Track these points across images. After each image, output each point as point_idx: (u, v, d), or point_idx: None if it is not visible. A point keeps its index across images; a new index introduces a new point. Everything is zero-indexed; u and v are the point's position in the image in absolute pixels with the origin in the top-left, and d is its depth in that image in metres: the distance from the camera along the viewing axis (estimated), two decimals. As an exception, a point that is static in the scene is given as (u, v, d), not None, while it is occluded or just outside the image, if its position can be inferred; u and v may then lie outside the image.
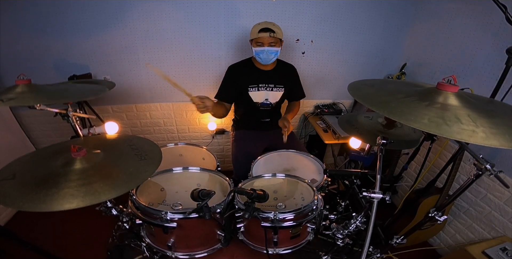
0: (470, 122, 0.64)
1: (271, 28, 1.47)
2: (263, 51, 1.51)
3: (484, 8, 1.46)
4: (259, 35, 1.47)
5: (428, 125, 0.63)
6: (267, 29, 1.47)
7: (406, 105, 0.71)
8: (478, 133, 0.61)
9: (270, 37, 1.47)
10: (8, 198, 0.73)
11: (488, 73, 1.48)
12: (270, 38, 1.48)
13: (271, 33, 1.47)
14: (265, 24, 1.49)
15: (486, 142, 0.59)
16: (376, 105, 0.71)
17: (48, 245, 1.42)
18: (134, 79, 2.03)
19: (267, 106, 1.75)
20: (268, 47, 1.50)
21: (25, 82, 1.04)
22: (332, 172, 1.14)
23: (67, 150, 0.88)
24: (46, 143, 2.22)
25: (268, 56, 1.53)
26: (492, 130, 0.63)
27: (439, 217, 1.15)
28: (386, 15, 1.98)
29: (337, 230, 1.10)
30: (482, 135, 0.61)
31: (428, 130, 0.62)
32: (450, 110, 0.68)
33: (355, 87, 0.88)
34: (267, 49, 1.50)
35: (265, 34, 1.47)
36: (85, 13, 1.72)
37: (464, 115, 0.66)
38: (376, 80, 0.97)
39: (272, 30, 1.47)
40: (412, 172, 2.04)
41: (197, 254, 1.11)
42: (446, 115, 0.65)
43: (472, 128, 0.62)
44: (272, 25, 1.49)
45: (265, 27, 1.47)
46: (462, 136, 0.60)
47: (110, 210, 1.05)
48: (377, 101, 0.74)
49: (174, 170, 1.26)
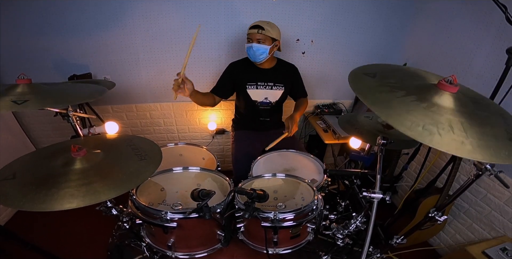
0: (461, 132, 0.65)
1: (262, 25, 1.49)
2: (250, 48, 1.54)
3: (484, 8, 1.46)
4: (248, 32, 1.52)
5: (421, 133, 0.63)
6: (256, 26, 1.50)
7: (405, 106, 0.70)
8: (466, 145, 0.63)
9: (258, 33, 1.49)
10: (8, 198, 0.73)
11: (488, 73, 1.48)
12: (258, 35, 1.50)
13: (259, 30, 1.49)
14: (259, 22, 1.52)
15: (471, 155, 0.61)
16: (375, 105, 0.71)
17: (48, 245, 1.42)
18: (134, 79, 2.03)
19: (267, 105, 1.76)
20: (256, 43, 1.51)
21: (26, 82, 1.04)
22: (332, 172, 1.14)
23: (67, 150, 0.88)
24: (46, 142, 2.23)
25: (255, 53, 1.54)
26: (480, 142, 0.64)
27: (439, 217, 1.16)
28: (386, 15, 1.98)
29: (337, 230, 1.10)
30: (469, 147, 0.62)
31: (421, 139, 0.62)
32: (445, 115, 0.68)
33: (356, 77, 0.85)
34: (254, 45, 1.52)
35: (254, 30, 1.50)
36: (85, 13, 1.72)
37: (457, 123, 0.67)
38: (379, 66, 0.94)
39: (261, 27, 1.49)
40: (412, 172, 2.04)
41: (197, 254, 1.11)
42: (440, 122, 0.66)
43: (462, 140, 0.63)
44: (266, 24, 1.51)
45: (256, 24, 1.50)
46: (450, 147, 0.62)
47: (110, 210, 1.05)
48: (377, 100, 0.73)
49: (174, 170, 1.26)
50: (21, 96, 0.95)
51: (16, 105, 0.91)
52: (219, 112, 2.28)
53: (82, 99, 1.20)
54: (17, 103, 0.91)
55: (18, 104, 0.91)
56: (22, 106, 0.91)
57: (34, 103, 0.93)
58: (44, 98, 0.98)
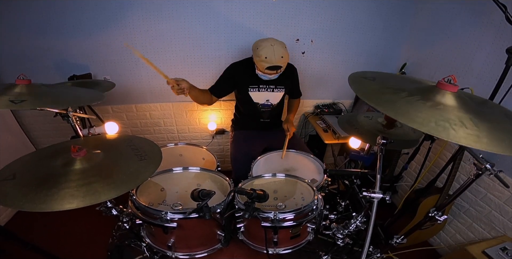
0: (473, 126, 0.64)
1: (279, 64, 1.44)
2: (269, 77, 1.55)
3: (484, 8, 1.46)
4: (265, 72, 1.48)
5: (436, 129, 0.62)
6: (274, 67, 1.45)
7: (412, 105, 0.70)
8: (482, 138, 0.62)
9: (276, 73, 1.50)
10: (8, 198, 0.73)
11: (488, 73, 1.48)
12: (275, 72, 1.50)
13: (278, 70, 1.48)
14: (272, 56, 1.39)
15: (490, 148, 0.60)
16: (381, 105, 0.70)
17: (48, 245, 1.42)
18: (134, 79, 2.03)
19: (268, 107, 1.76)
20: (273, 75, 1.53)
21: (25, 82, 1.04)
22: (332, 172, 1.14)
23: (67, 150, 0.88)
24: (46, 143, 2.23)
25: (273, 77, 1.57)
26: (493, 136, 0.63)
27: (439, 216, 1.16)
28: (386, 15, 1.97)
29: (337, 230, 1.10)
30: (486, 140, 0.61)
31: (437, 134, 0.61)
32: (453, 112, 0.68)
33: (356, 81, 0.86)
34: (274, 76, 1.54)
35: (272, 71, 1.48)
36: (85, 13, 1.72)
37: (467, 119, 0.66)
38: (376, 72, 0.95)
39: (280, 67, 1.46)
40: (412, 171, 2.04)
41: (197, 254, 1.11)
42: (450, 118, 0.65)
43: (477, 133, 0.62)
44: (280, 59, 1.42)
45: (273, 65, 1.43)
46: (468, 141, 0.60)
47: (110, 210, 1.05)
48: (382, 100, 0.73)
49: (174, 170, 1.26)
50: (19, 96, 0.95)
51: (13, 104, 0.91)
52: (219, 112, 2.28)
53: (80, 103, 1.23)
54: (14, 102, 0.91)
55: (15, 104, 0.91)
56: (19, 106, 0.91)
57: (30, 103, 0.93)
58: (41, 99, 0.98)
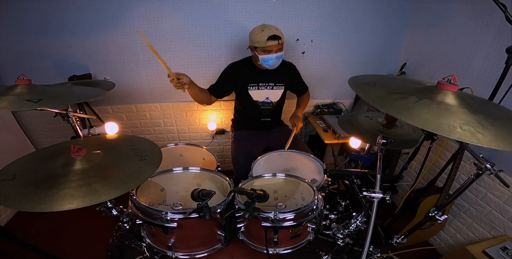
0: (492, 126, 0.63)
1: (279, 35, 1.45)
2: (272, 58, 1.51)
3: (484, 8, 1.46)
4: (268, 44, 1.45)
5: (465, 135, 0.60)
6: (275, 37, 1.45)
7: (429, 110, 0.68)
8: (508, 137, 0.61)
9: (279, 44, 1.48)
10: (8, 199, 0.73)
11: (488, 72, 1.48)
12: (278, 45, 1.48)
13: (279, 40, 1.47)
14: (270, 30, 1.45)
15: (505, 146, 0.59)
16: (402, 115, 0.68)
17: (48, 245, 1.42)
18: (134, 80, 2.03)
19: (268, 105, 1.76)
20: (277, 53, 1.50)
21: (26, 82, 1.04)
22: (332, 172, 1.13)
23: (67, 150, 0.88)
24: (46, 143, 2.23)
25: (276, 62, 1.55)
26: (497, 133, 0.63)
27: (439, 216, 1.16)
28: (386, 15, 1.97)
29: (337, 230, 1.10)
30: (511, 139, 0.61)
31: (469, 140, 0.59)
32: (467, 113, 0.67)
33: (358, 87, 0.84)
34: (276, 56, 1.51)
35: (274, 42, 1.46)
36: (85, 13, 1.72)
37: (483, 119, 0.65)
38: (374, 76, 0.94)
39: (279, 37, 1.46)
40: (412, 171, 2.04)
41: (198, 254, 1.11)
42: (469, 121, 0.64)
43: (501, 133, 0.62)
44: (276, 30, 1.46)
45: (273, 34, 1.43)
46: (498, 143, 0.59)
47: (110, 210, 1.05)
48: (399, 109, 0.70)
49: (174, 170, 1.26)
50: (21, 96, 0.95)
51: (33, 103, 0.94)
52: (219, 112, 2.28)
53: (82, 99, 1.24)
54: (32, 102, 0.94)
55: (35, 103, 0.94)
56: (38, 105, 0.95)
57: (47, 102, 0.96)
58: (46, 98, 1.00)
